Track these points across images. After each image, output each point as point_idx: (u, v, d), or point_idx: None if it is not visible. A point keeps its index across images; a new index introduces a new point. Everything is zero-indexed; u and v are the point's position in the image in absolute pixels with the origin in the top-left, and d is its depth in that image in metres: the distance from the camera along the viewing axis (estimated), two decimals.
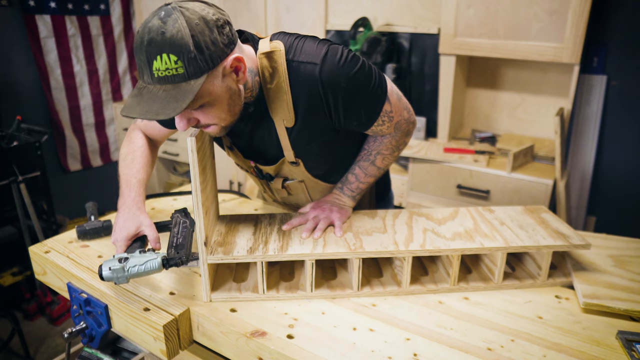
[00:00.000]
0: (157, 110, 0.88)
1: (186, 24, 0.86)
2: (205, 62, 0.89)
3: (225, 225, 1.20)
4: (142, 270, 1.01)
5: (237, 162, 1.33)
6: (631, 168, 2.54)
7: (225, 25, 0.94)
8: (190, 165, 0.95)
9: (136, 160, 1.24)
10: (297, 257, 1.06)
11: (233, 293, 1.08)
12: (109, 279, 1.00)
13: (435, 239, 1.13)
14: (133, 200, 1.16)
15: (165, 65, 0.86)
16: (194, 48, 0.86)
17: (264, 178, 1.31)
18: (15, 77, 3.13)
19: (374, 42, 2.55)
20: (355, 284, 1.09)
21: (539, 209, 1.33)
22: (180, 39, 0.85)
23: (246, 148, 1.25)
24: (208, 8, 0.92)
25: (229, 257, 1.05)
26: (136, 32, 0.85)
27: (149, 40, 0.86)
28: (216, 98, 0.95)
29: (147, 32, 0.86)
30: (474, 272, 1.19)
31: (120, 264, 1.01)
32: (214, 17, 0.91)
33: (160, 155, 3.50)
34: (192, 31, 0.86)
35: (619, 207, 2.62)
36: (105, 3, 3.50)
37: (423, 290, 1.12)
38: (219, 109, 0.97)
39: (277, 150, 1.19)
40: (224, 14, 0.95)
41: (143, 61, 0.88)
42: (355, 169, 1.28)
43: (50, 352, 2.49)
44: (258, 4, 2.97)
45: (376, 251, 1.07)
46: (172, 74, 0.87)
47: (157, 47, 0.86)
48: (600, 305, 1.04)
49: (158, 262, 1.02)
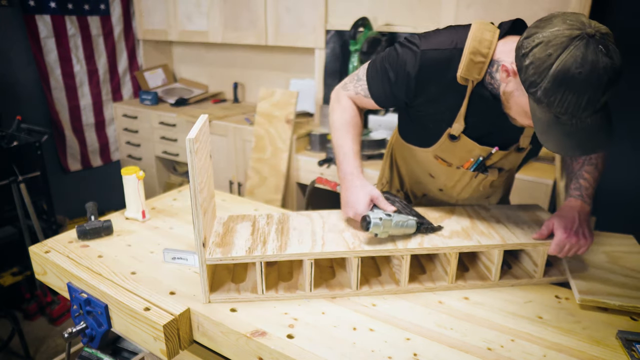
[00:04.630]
0: (600, 142, 0.92)
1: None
2: None
3: (223, 226, 1.20)
4: (404, 226, 1.10)
5: (439, 156, 1.25)
6: (631, 168, 2.53)
7: None
8: (189, 166, 0.95)
9: (351, 131, 1.25)
10: (296, 256, 1.06)
11: (232, 294, 1.08)
12: (376, 227, 1.06)
13: (433, 237, 1.13)
14: (357, 171, 1.19)
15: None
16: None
17: (478, 169, 1.25)
18: (15, 77, 3.13)
19: (374, 42, 2.55)
20: (354, 283, 1.10)
21: (534, 207, 1.35)
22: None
23: (483, 134, 1.18)
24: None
25: (227, 258, 1.05)
26: (571, 69, 0.84)
27: (609, 80, 0.85)
28: None
29: (604, 72, 0.84)
30: (472, 270, 1.20)
31: (389, 217, 1.07)
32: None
33: (160, 155, 3.51)
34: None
35: (619, 207, 2.62)
36: (105, 3, 3.50)
37: (421, 289, 1.12)
38: None
39: (515, 135, 1.19)
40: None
41: (592, 100, 0.86)
42: (585, 175, 1.21)
43: (50, 352, 2.48)
44: (258, 4, 2.97)
45: (375, 250, 1.08)
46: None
47: (613, 84, 0.86)
48: (595, 301, 1.05)
49: (414, 223, 1.11)
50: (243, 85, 3.62)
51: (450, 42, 1.09)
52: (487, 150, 1.20)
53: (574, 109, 0.87)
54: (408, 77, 1.12)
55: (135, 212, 1.46)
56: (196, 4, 3.28)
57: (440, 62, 1.09)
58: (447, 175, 1.30)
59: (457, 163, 1.25)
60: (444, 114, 1.16)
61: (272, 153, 2.77)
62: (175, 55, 3.96)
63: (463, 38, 1.08)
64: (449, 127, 1.18)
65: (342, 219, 1.23)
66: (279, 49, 3.28)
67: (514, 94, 1.01)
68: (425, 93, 1.13)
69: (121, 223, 1.45)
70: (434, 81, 1.11)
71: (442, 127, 1.19)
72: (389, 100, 1.22)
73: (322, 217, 1.25)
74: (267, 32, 2.99)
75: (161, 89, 3.77)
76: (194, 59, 3.84)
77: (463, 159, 1.24)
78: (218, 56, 3.68)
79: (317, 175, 2.66)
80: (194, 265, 1.20)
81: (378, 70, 1.20)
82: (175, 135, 3.34)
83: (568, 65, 0.84)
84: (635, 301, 1.04)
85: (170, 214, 1.51)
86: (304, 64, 3.20)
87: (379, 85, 1.20)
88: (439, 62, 1.09)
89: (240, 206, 1.58)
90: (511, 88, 1.01)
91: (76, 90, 3.46)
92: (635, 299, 1.05)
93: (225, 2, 3.13)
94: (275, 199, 2.78)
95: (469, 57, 1.06)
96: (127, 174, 1.42)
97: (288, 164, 2.74)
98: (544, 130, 0.93)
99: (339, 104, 1.30)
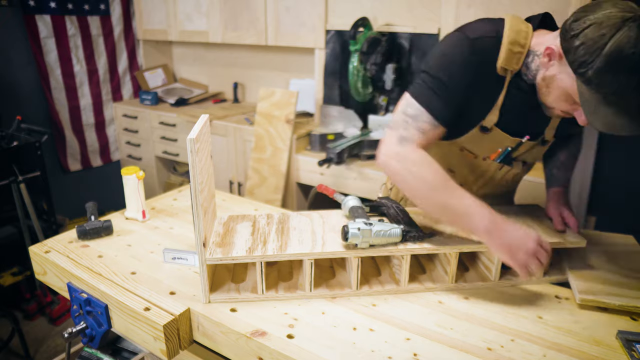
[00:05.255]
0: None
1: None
2: None
3: (223, 226, 1.20)
4: (386, 236, 1.05)
5: (466, 147, 1.21)
6: (631, 168, 2.53)
7: None
8: (190, 166, 0.95)
9: (449, 181, 1.05)
10: (296, 256, 1.06)
11: (232, 294, 1.08)
12: (354, 237, 1.03)
13: (433, 238, 1.13)
14: (497, 216, 1.02)
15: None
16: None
17: (504, 161, 1.23)
18: (15, 77, 3.13)
19: (374, 42, 2.55)
20: (354, 283, 1.09)
21: (534, 207, 1.35)
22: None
23: (514, 127, 1.17)
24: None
25: (227, 258, 1.05)
26: (625, 49, 0.85)
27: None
28: None
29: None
30: (472, 270, 1.20)
31: (368, 227, 1.04)
32: None
33: (160, 155, 3.50)
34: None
35: (619, 207, 2.62)
36: (105, 3, 3.50)
37: (421, 289, 1.12)
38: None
39: (542, 127, 1.20)
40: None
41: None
42: (569, 166, 1.35)
43: (50, 352, 2.48)
44: (258, 4, 2.97)
45: (374, 250, 1.08)
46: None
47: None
48: (596, 301, 1.05)
49: (399, 231, 1.06)
50: (243, 85, 3.62)
51: (493, 31, 1.08)
52: (516, 141, 1.20)
53: (625, 88, 0.88)
54: (462, 65, 1.06)
55: (135, 212, 1.46)
56: (196, 4, 3.28)
57: (487, 51, 1.07)
58: (470, 168, 1.26)
59: (483, 154, 1.23)
60: (479, 105, 1.13)
61: (272, 153, 2.77)
62: (175, 55, 3.96)
63: (501, 28, 1.08)
64: (481, 119, 1.15)
65: (342, 219, 1.23)
66: (279, 49, 3.28)
67: (557, 77, 1.01)
68: (470, 83, 1.09)
69: (121, 223, 1.45)
70: (479, 71, 1.08)
71: (473, 119, 1.15)
72: (452, 111, 1.09)
73: (322, 217, 1.25)
74: (267, 32, 2.99)
75: (161, 89, 3.77)
76: (194, 59, 3.84)
77: (491, 150, 1.22)
78: (218, 56, 3.68)
79: (317, 175, 2.67)
80: (194, 265, 1.20)
81: (427, 88, 1.08)
82: (175, 135, 3.34)
83: (622, 45, 0.85)
84: (636, 301, 1.04)
85: (170, 214, 1.51)
86: (304, 64, 3.20)
87: (437, 100, 1.07)
88: (485, 50, 1.07)
89: (240, 206, 1.58)
90: (553, 72, 1.02)
91: (76, 90, 3.46)
92: (636, 299, 1.05)
93: (225, 2, 3.13)
94: (275, 199, 2.78)
95: (508, 47, 1.06)
96: (127, 174, 1.42)
97: (288, 164, 2.74)
98: (592, 111, 0.94)
99: (412, 162, 1.05)
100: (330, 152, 2.50)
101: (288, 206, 2.84)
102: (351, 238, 1.04)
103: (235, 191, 3.10)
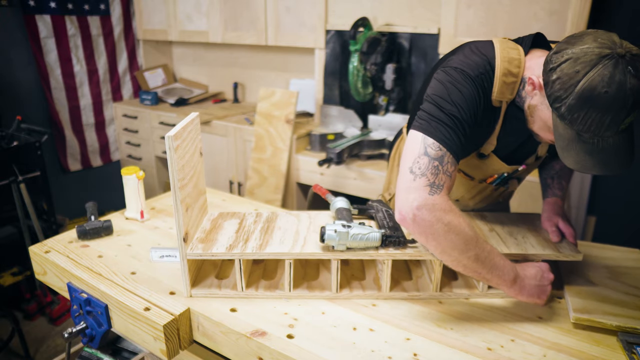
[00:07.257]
0: (620, 162, 0.90)
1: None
2: None
3: (211, 222, 1.20)
4: (364, 239, 1.04)
5: (463, 170, 1.23)
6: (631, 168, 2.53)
7: None
8: (169, 162, 0.96)
9: (478, 234, 1.00)
10: (274, 255, 1.06)
11: (213, 289, 1.09)
12: (331, 240, 1.02)
13: (416, 243, 1.09)
14: (519, 270, 1.04)
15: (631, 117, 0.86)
16: None
17: (500, 184, 1.26)
18: (15, 77, 3.13)
19: (374, 42, 2.55)
20: (334, 286, 1.09)
21: (533, 216, 1.30)
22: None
23: (511, 152, 1.18)
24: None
25: (207, 254, 1.05)
26: (597, 87, 0.83)
27: (634, 101, 0.84)
28: None
29: (631, 93, 0.83)
30: (460, 278, 1.17)
31: (345, 229, 1.02)
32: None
33: (160, 155, 3.50)
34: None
35: (619, 207, 2.62)
36: (105, 3, 3.50)
37: (404, 296, 1.10)
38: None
39: (533, 146, 1.19)
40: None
41: (616, 120, 0.85)
42: (564, 175, 1.31)
43: (50, 352, 2.48)
44: (258, 4, 2.97)
45: (353, 253, 1.05)
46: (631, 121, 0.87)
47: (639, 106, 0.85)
48: (591, 321, 0.98)
49: (378, 236, 1.05)
50: (243, 85, 3.62)
51: (486, 63, 1.04)
52: (513, 169, 1.20)
53: (597, 127, 0.87)
54: (474, 104, 1.03)
55: (135, 212, 1.46)
56: (196, 4, 3.28)
57: (485, 86, 1.04)
58: (466, 188, 1.28)
59: (480, 178, 1.24)
60: (477, 134, 1.11)
61: (272, 153, 2.77)
62: (175, 55, 3.96)
63: (492, 58, 1.04)
64: (479, 147, 1.15)
65: (329, 220, 1.21)
66: (279, 49, 3.28)
67: (538, 107, 1.00)
68: (477, 117, 1.06)
69: (121, 223, 1.45)
70: (481, 104, 1.06)
71: (471, 146, 1.15)
72: (464, 145, 1.03)
73: (310, 217, 1.24)
74: (267, 32, 2.99)
75: (161, 89, 3.77)
76: (194, 59, 3.84)
77: (487, 174, 1.23)
78: (218, 56, 3.68)
79: (317, 175, 2.67)
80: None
81: (444, 125, 1.00)
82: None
83: (595, 83, 0.84)
84: (635, 322, 0.97)
85: (170, 214, 1.51)
86: (304, 64, 3.20)
87: (456, 138, 1.00)
88: (484, 85, 1.04)
89: (240, 206, 1.58)
90: (536, 102, 1.00)
91: (76, 90, 3.46)
92: (635, 319, 0.98)
93: (225, 2, 3.13)
94: (275, 199, 2.78)
95: (501, 80, 1.03)
96: (127, 174, 1.42)
97: (288, 164, 2.74)
98: (564, 147, 0.92)
99: (444, 211, 0.95)
100: (330, 152, 2.50)
101: (288, 206, 2.84)
102: (327, 240, 1.02)
103: (235, 191, 3.10)
